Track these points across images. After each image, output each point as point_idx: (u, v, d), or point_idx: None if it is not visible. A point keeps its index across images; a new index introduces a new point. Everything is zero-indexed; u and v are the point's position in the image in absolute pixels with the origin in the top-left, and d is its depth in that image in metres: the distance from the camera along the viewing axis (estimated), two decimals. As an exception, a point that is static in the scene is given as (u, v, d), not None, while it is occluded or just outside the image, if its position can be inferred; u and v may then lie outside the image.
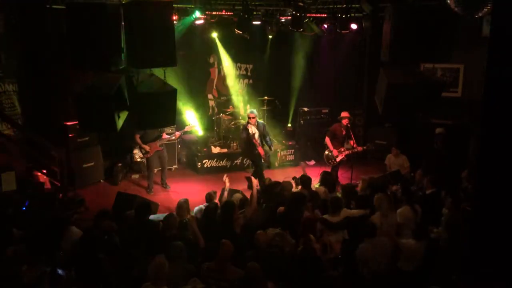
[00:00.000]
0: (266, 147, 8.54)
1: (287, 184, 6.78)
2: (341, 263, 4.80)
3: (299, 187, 6.73)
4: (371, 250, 4.77)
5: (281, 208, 5.65)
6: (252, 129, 8.26)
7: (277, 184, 6.55)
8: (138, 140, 8.40)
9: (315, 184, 7.45)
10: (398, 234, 5.41)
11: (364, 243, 4.84)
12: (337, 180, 8.91)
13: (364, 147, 8.64)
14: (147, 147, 8.42)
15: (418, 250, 4.98)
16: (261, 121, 8.65)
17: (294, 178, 7.24)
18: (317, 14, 9.25)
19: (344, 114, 8.56)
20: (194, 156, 10.05)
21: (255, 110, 8.44)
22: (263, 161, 8.47)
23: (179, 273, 4.33)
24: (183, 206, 5.76)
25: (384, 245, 4.97)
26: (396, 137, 10.24)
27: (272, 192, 6.34)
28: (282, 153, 10.53)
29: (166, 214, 5.59)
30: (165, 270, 4.04)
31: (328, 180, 7.00)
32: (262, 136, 8.42)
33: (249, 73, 11.99)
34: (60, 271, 4.12)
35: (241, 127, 8.71)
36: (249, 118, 8.27)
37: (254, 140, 8.21)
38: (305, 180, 6.66)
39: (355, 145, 8.51)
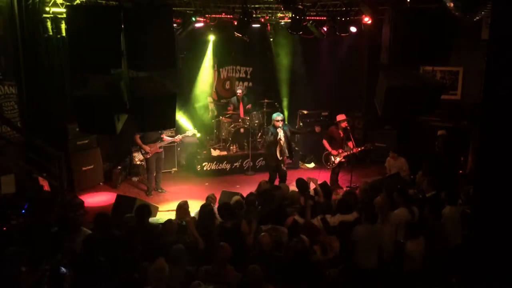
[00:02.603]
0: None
1: (284, 187, 6.78)
2: (340, 262, 4.85)
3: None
4: (365, 233, 5.03)
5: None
6: (281, 134, 8.21)
7: (275, 188, 6.56)
8: (138, 141, 8.39)
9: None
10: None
11: (362, 225, 5.08)
12: (337, 183, 8.92)
13: (362, 147, 8.64)
14: (147, 148, 8.41)
15: (418, 249, 5.05)
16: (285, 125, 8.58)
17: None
18: (316, 17, 9.28)
19: (340, 117, 8.56)
20: (194, 159, 10.05)
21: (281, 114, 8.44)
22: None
23: (179, 276, 4.32)
24: (183, 207, 5.75)
25: (380, 232, 5.18)
26: (395, 139, 10.24)
27: (269, 195, 6.34)
28: (282, 155, 10.52)
29: (164, 217, 5.58)
30: (166, 273, 4.03)
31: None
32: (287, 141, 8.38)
33: (248, 76, 12.00)
34: (62, 270, 4.10)
35: (271, 130, 8.42)
36: (276, 121, 8.21)
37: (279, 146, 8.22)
38: (301, 184, 6.68)
39: (351, 146, 8.52)
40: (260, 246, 4.75)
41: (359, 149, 8.55)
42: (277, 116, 8.27)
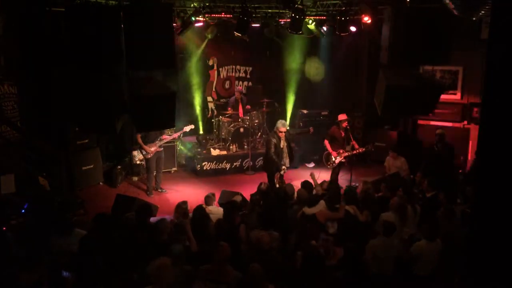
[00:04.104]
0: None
1: (289, 187, 6.79)
2: (344, 265, 4.82)
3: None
4: (381, 247, 4.92)
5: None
6: (283, 142, 7.97)
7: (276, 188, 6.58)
8: (140, 141, 8.38)
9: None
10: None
11: (377, 240, 4.99)
12: (337, 183, 8.92)
13: (363, 149, 8.64)
14: (147, 148, 8.41)
15: (433, 252, 5.00)
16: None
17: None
18: (316, 16, 9.27)
19: (342, 117, 8.56)
20: (194, 159, 10.05)
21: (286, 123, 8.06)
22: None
23: (179, 275, 4.31)
24: (181, 207, 5.75)
25: (394, 246, 5.06)
26: (395, 139, 10.24)
27: (272, 195, 6.36)
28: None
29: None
30: (168, 272, 4.02)
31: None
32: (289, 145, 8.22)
33: (248, 76, 12.00)
34: (65, 274, 4.10)
35: (273, 141, 7.88)
36: (280, 132, 7.89)
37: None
38: (306, 184, 6.69)
39: (356, 146, 8.51)
40: (259, 245, 4.75)
41: (362, 149, 8.53)
42: (282, 127, 7.89)
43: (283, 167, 7.85)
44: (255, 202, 6.09)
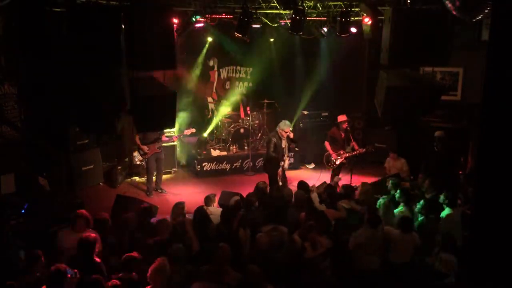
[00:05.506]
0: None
1: (286, 189, 6.78)
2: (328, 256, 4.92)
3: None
4: (367, 237, 5.03)
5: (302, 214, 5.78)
6: (284, 142, 8.00)
7: (274, 188, 6.60)
8: (138, 141, 8.39)
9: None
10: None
11: (363, 229, 5.11)
12: (331, 185, 8.91)
13: (364, 149, 8.64)
14: (145, 148, 8.40)
15: (407, 242, 5.12)
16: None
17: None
18: (316, 17, 9.27)
19: (342, 118, 8.56)
20: (194, 159, 10.05)
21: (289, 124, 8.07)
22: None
23: (180, 275, 4.32)
24: (178, 207, 5.75)
25: (378, 236, 5.17)
26: (395, 140, 10.23)
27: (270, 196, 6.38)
28: (282, 156, 10.51)
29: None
30: (167, 273, 4.03)
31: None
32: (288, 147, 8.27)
33: (249, 76, 12.00)
34: (69, 271, 4.10)
35: (274, 141, 7.91)
36: (285, 132, 7.88)
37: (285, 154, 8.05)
38: (302, 185, 6.70)
39: (356, 147, 8.51)
40: (258, 246, 4.75)
41: (363, 150, 8.53)
42: (286, 127, 7.90)
43: (284, 161, 7.97)
44: (251, 203, 6.10)
